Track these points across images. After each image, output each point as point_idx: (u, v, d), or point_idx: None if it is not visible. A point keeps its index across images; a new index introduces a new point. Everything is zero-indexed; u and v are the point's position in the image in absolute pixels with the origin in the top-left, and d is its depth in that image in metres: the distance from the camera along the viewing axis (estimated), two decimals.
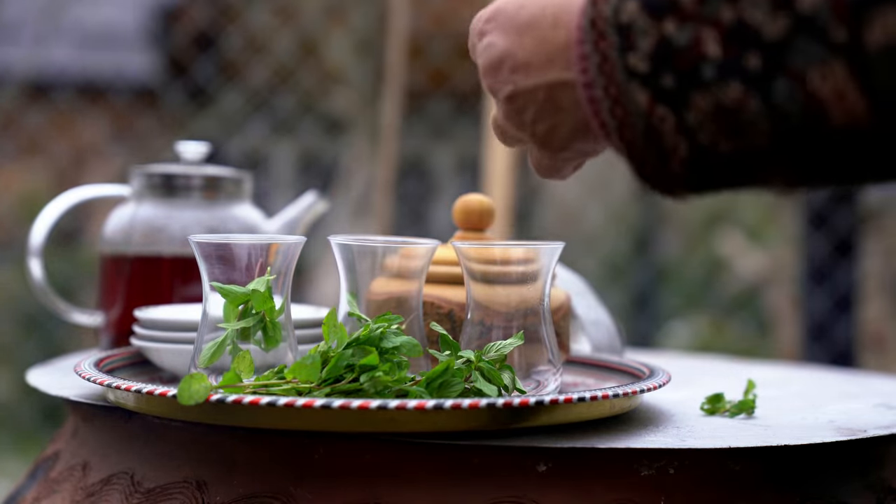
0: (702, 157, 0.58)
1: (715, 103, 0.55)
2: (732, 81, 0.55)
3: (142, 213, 1.12)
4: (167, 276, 1.10)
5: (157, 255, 1.10)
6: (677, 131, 0.57)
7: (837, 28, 0.51)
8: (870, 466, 0.78)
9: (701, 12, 0.55)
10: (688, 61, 0.56)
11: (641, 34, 0.57)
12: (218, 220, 1.12)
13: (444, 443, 0.70)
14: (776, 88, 0.54)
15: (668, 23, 0.56)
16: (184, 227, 1.11)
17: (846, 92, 0.52)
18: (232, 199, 1.15)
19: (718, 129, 0.56)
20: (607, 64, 0.59)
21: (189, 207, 1.13)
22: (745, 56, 0.54)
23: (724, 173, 0.58)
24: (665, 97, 0.57)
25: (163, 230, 1.11)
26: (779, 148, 0.55)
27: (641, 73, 0.58)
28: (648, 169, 0.60)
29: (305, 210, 1.19)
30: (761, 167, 0.57)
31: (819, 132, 0.53)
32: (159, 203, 1.13)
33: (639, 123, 0.59)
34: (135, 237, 1.11)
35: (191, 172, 1.14)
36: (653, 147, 0.59)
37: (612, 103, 0.60)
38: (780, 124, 0.54)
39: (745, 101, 0.55)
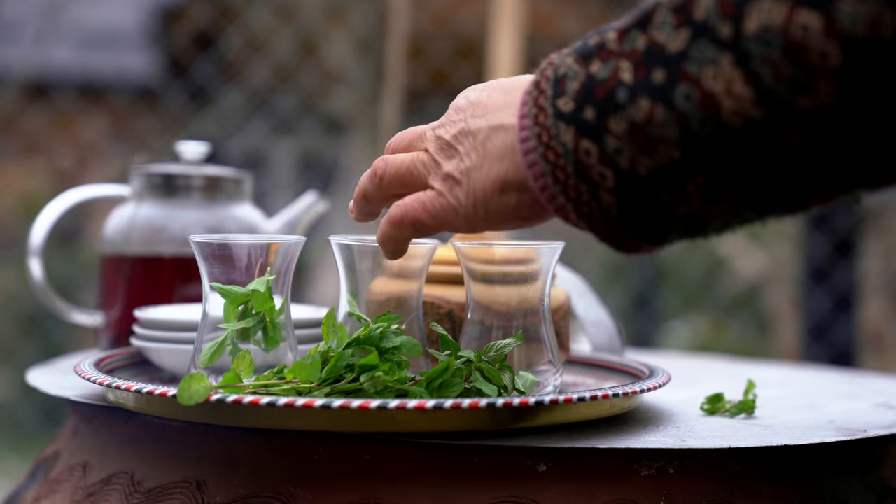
0: (627, 183, 0.60)
1: (628, 123, 0.58)
2: (641, 98, 0.58)
3: (142, 213, 1.12)
4: (167, 276, 1.10)
5: (157, 255, 1.10)
6: (601, 160, 0.60)
7: (723, 25, 0.55)
8: (870, 466, 0.78)
9: (621, 48, 0.59)
10: (605, 90, 0.59)
11: (571, 79, 0.61)
12: (218, 220, 1.12)
13: (444, 443, 0.70)
14: (677, 95, 0.56)
15: (594, 64, 0.60)
16: (184, 227, 1.11)
17: (733, 82, 0.54)
18: (232, 199, 1.15)
19: (635, 149, 0.58)
20: (541, 114, 0.63)
21: (189, 207, 1.13)
22: (651, 73, 0.57)
23: (651, 198, 0.60)
24: (587, 130, 0.60)
25: (163, 230, 1.11)
26: (690, 155, 0.57)
27: (567, 113, 0.61)
28: (585, 209, 0.62)
29: (305, 210, 1.19)
30: (681, 183, 0.58)
31: (718, 129, 0.55)
32: (159, 203, 1.13)
33: (569, 162, 0.62)
34: (135, 237, 1.11)
35: (191, 172, 1.14)
36: (583, 182, 0.61)
37: (545, 148, 0.63)
38: (684, 129, 0.56)
39: (653, 113, 0.57)
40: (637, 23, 0.59)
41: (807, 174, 0.56)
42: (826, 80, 0.52)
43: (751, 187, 0.57)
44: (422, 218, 0.71)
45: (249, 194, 1.18)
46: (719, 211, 0.59)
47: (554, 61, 0.64)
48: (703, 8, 0.56)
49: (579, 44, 0.63)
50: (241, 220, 1.14)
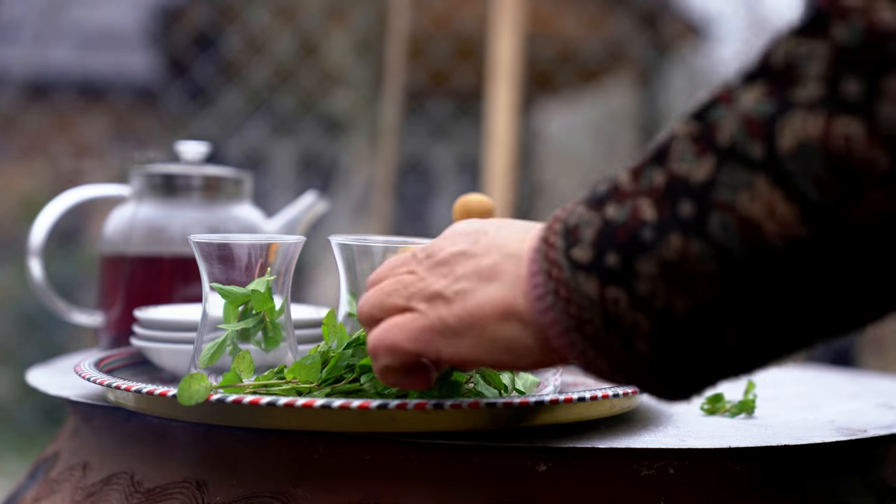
0: (663, 326, 0.55)
1: (659, 263, 0.54)
2: (671, 235, 0.54)
3: (142, 213, 1.12)
4: (167, 276, 1.10)
5: (157, 255, 1.10)
6: (632, 306, 0.56)
7: (754, 146, 0.52)
8: (870, 466, 0.78)
9: (638, 187, 0.56)
10: (627, 233, 0.55)
11: (584, 226, 0.57)
12: (218, 220, 1.12)
13: (444, 443, 0.70)
14: (711, 226, 0.53)
15: (609, 207, 0.57)
16: (184, 227, 1.11)
17: (774, 204, 0.51)
18: (232, 199, 1.15)
19: (670, 288, 0.54)
20: (555, 268, 0.59)
21: (189, 207, 1.13)
22: (677, 207, 0.54)
23: (690, 339, 0.56)
24: (612, 277, 0.56)
25: (163, 230, 1.11)
26: (731, 288, 0.53)
27: (586, 262, 0.57)
28: (617, 359, 0.58)
29: (305, 210, 1.19)
30: (723, 320, 0.55)
31: (762, 256, 0.52)
32: (159, 203, 1.13)
33: (595, 314, 0.57)
34: (135, 237, 1.11)
35: (191, 172, 1.14)
36: (615, 333, 0.57)
37: (566, 304, 0.58)
38: (724, 261, 0.53)
39: (687, 249, 0.53)
40: (652, 159, 0.56)
41: (857, 291, 0.53)
42: (876, 187, 0.49)
43: (799, 313, 0.54)
44: (397, 342, 0.64)
45: (249, 194, 1.18)
46: (760, 343, 0.55)
47: (560, 216, 0.60)
48: (727, 132, 0.53)
49: (587, 194, 0.59)
50: (241, 220, 1.14)
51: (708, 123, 0.54)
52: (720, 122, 0.53)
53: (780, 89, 0.51)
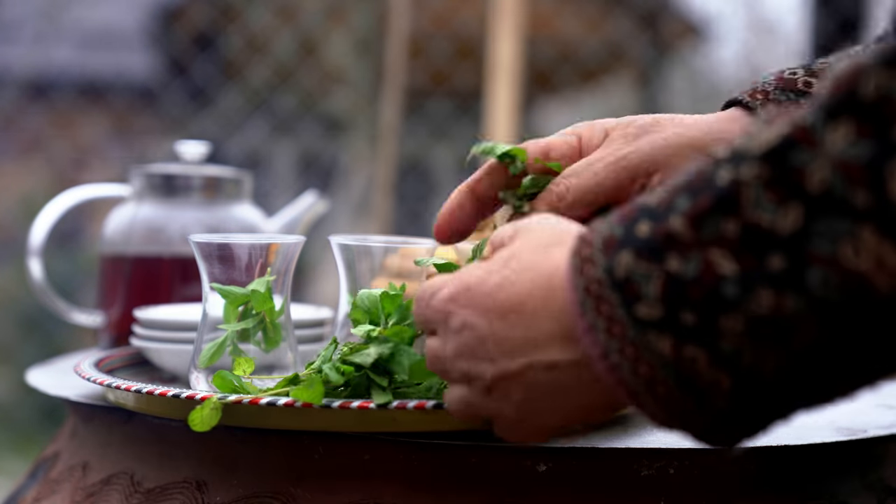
0: (748, 383, 0.52)
1: (748, 319, 0.51)
2: (761, 290, 0.50)
3: (142, 214, 1.12)
4: (167, 276, 1.10)
5: (157, 255, 1.10)
6: (713, 365, 0.52)
7: (857, 193, 0.48)
8: (870, 466, 0.78)
9: (701, 237, 0.52)
10: (703, 289, 0.51)
11: (645, 280, 0.53)
12: (218, 220, 1.13)
13: (444, 443, 0.70)
14: (809, 281, 0.49)
15: (671, 260, 0.52)
16: (184, 227, 1.11)
17: (884, 255, 0.48)
18: (232, 199, 1.15)
19: (760, 345, 0.51)
20: (615, 325, 0.54)
21: (189, 207, 1.13)
22: (765, 260, 0.50)
23: (775, 395, 0.53)
24: (689, 335, 0.52)
25: (163, 230, 1.11)
26: (832, 341, 0.50)
27: (656, 320, 0.53)
28: (690, 417, 0.55)
29: (305, 210, 1.19)
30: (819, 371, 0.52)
31: (869, 309, 0.49)
32: (159, 203, 1.13)
33: (669, 374, 0.53)
34: (135, 237, 1.11)
35: (191, 172, 1.14)
36: (690, 393, 0.53)
37: (633, 363, 0.54)
38: (825, 314, 0.49)
39: (781, 304, 0.50)
40: (716, 206, 0.52)
41: None
42: None
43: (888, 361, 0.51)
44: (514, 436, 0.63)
45: (249, 194, 1.18)
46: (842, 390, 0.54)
47: (589, 256, 0.56)
48: (816, 178, 0.49)
49: (618, 233, 0.55)
50: (241, 220, 1.14)
51: (788, 167, 0.50)
52: (807, 166, 0.49)
53: (878, 128, 0.47)
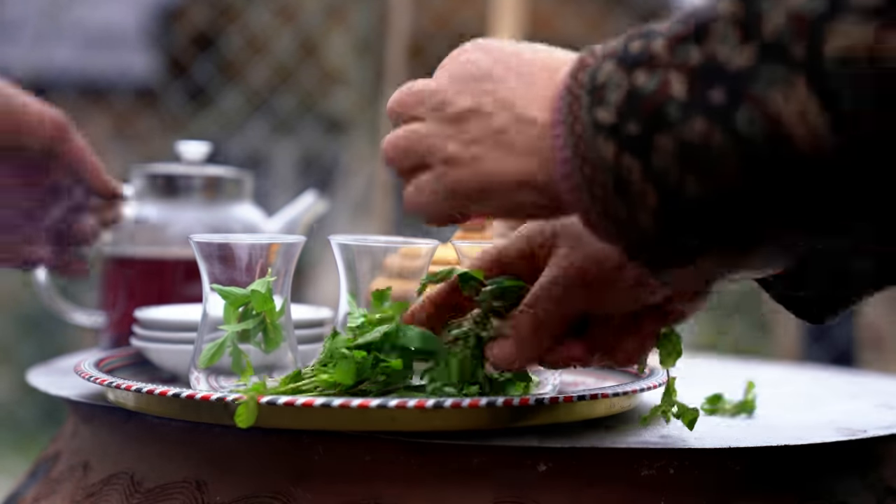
0: (670, 202, 0.55)
1: (679, 142, 0.54)
2: (696, 117, 0.53)
3: (142, 214, 1.13)
4: (168, 276, 1.11)
5: (158, 256, 1.11)
6: (644, 178, 0.56)
7: (797, 45, 0.50)
8: (870, 466, 0.78)
9: (672, 60, 0.55)
10: (653, 105, 0.55)
11: (613, 88, 0.57)
12: (219, 220, 1.13)
13: (444, 443, 0.70)
14: (739, 117, 0.52)
15: (639, 73, 0.56)
16: (185, 228, 1.11)
17: (807, 109, 0.50)
18: (233, 199, 1.15)
19: (685, 169, 0.54)
20: (578, 124, 0.58)
21: (190, 207, 1.13)
22: (709, 91, 0.53)
23: (696, 221, 0.56)
24: (630, 144, 0.56)
25: (164, 230, 1.11)
26: (749, 182, 0.53)
27: (607, 125, 0.57)
28: (622, 228, 0.58)
29: (305, 210, 1.19)
30: (735, 210, 0.55)
31: (786, 159, 0.51)
32: (160, 203, 1.13)
33: (608, 177, 0.57)
34: (136, 238, 1.11)
35: (191, 172, 1.14)
36: (622, 200, 0.57)
37: (582, 161, 0.58)
38: (746, 154, 0.52)
39: (710, 135, 0.53)
40: (692, 34, 0.55)
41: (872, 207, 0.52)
42: None
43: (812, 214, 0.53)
44: (421, 206, 0.66)
45: (250, 194, 1.18)
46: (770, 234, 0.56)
47: (589, 64, 0.59)
48: (771, 25, 0.51)
49: (619, 46, 0.58)
50: (242, 220, 1.14)
51: (754, 11, 0.52)
52: (767, 12, 0.52)
53: None
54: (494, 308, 0.72)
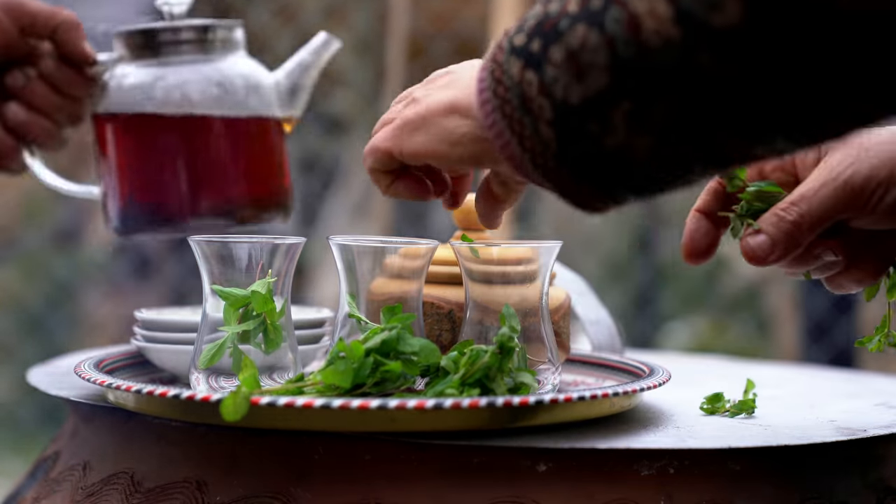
0: (562, 114, 0.60)
1: (565, 51, 0.59)
2: (578, 24, 0.58)
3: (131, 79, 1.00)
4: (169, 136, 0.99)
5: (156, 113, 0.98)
6: (540, 91, 0.60)
7: None
8: (870, 466, 0.78)
9: None
10: (551, 23, 0.60)
11: (530, 18, 0.62)
12: (219, 73, 1.01)
13: (444, 443, 0.70)
14: (607, 18, 0.57)
15: (553, 3, 0.61)
16: (182, 85, 0.99)
17: (655, 4, 0.55)
18: (227, 51, 1.03)
19: (569, 76, 0.59)
20: (499, 52, 0.63)
21: (184, 63, 1.01)
22: (591, 1, 0.58)
23: (582, 130, 0.60)
24: (531, 60, 0.61)
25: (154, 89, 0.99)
26: (616, 80, 0.57)
27: (518, 47, 0.62)
28: (527, 143, 0.63)
29: (318, 52, 1.07)
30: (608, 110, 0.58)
31: (640, 51, 0.56)
32: (148, 64, 1.01)
33: (514, 94, 0.62)
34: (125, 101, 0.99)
35: (177, 25, 1.02)
36: (526, 115, 0.62)
37: (496, 83, 0.63)
38: (612, 53, 0.57)
39: (586, 38, 0.58)
40: None
41: (719, 102, 0.56)
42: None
43: (671, 116, 0.57)
44: (375, 143, 0.74)
45: (244, 45, 1.06)
46: (645, 143, 0.59)
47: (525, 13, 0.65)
48: None
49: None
50: (243, 73, 1.02)
51: None
52: None
53: None
54: (753, 208, 0.75)
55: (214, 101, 0.99)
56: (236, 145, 1.00)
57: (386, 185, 0.76)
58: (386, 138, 0.73)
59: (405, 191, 0.76)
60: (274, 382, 0.79)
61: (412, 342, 0.74)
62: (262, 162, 1.02)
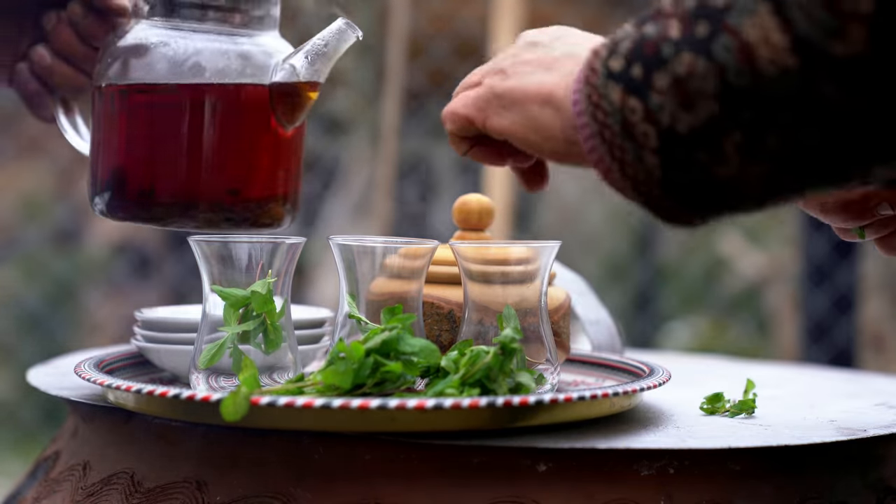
0: (668, 141, 0.59)
1: (671, 78, 0.58)
2: (684, 52, 0.57)
3: (151, 39, 0.89)
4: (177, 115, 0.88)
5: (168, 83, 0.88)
6: (645, 118, 0.59)
7: None
8: (870, 466, 0.78)
9: (675, 10, 0.59)
10: (653, 47, 0.59)
11: (624, 40, 0.61)
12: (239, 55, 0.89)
13: (444, 443, 0.70)
14: (716, 46, 0.56)
15: (648, 25, 0.60)
16: (199, 59, 0.88)
17: (770, 32, 0.54)
18: (256, 27, 0.91)
19: (676, 104, 0.58)
20: (593, 74, 0.62)
21: (203, 33, 0.89)
22: (696, 27, 0.57)
23: (690, 158, 0.59)
24: (634, 86, 0.60)
25: (168, 58, 0.88)
26: (727, 108, 0.56)
27: (616, 71, 0.61)
28: (630, 170, 0.61)
29: (336, 37, 0.90)
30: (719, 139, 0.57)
31: (754, 80, 0.55)
32: (168, 28, 0.89)
33: (616, 121, 0.61)
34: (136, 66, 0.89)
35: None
36: (629, 141, 0.60)
37: (594, 108, 0.62)
38: (722, 81, 0.56)
39: (694, 66, 0.57)
40: None
41: (843, 131, 0.55)
42: (857, 25, 0.51)
43: (788, 145, 0.56)
44: (455, 108, 0.73)
45: (277, 22, 0.93)
46: (758, 172, 0.58)
47: (616, 32, 0.64)
48: None
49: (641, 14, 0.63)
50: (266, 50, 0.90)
51: None
52: None
53: None
54: None
55: (228, 74, 0.88)
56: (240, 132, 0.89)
57: (464, 150, 0.75)
58: (468, 105, 0.72)
59: (483, 157, 0.76)
60: (274, 382, 0.79)
61: (412, 342, 0.74)
62: (264, 151, 0.90)
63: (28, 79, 0.95)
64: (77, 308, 4.02)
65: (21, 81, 0.95)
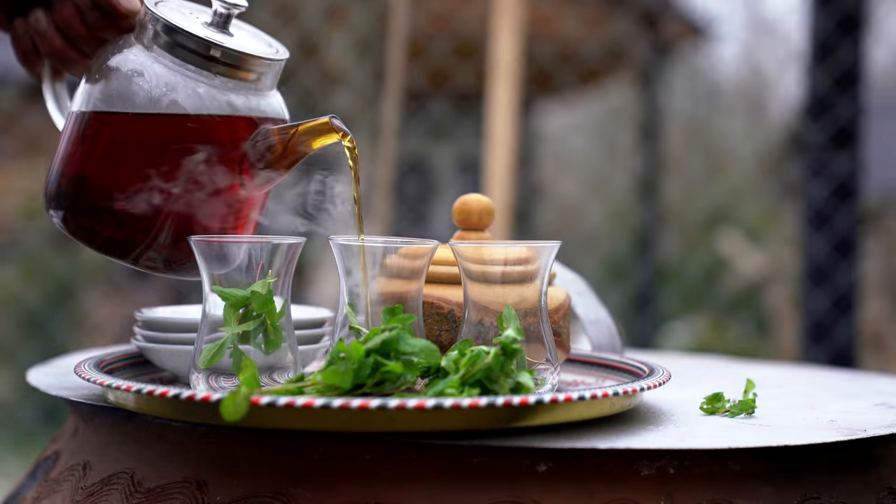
0: None
1: None
2: None
3: (152, 70, 0.86)
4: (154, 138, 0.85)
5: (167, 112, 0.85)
6: None
7: None
8: (870, 466, 0.78)
9: None
10: None
11: None
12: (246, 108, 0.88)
13: (444, 443, 0.70)
14: None
15: None
16: (199, 103, 0.85)
17: None
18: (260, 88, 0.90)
19: None
20: None
21: (202, 80, 0.86)
22: None
23: None
24: None
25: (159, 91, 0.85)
26: None
27: None
28: None
29: None
30: None
31: None
32: (164, 59, 0.86)
33: None
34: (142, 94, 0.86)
35: (213, 39, 0.86)
36: None
37: None
38: None
39: None
40: None
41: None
42: None
43: None
44: None
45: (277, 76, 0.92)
46: None
47: None
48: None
49: None
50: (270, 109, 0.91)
51: None
52: None
53: None
54: None
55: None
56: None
57: None
58: None
59: None
60: (274, 382, 0.79)
61: (412, 342, 0.74)
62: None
63: (23, 34, 0.94)
64: (77, 308, 4.02)
65: (16, 34, 0.94)
